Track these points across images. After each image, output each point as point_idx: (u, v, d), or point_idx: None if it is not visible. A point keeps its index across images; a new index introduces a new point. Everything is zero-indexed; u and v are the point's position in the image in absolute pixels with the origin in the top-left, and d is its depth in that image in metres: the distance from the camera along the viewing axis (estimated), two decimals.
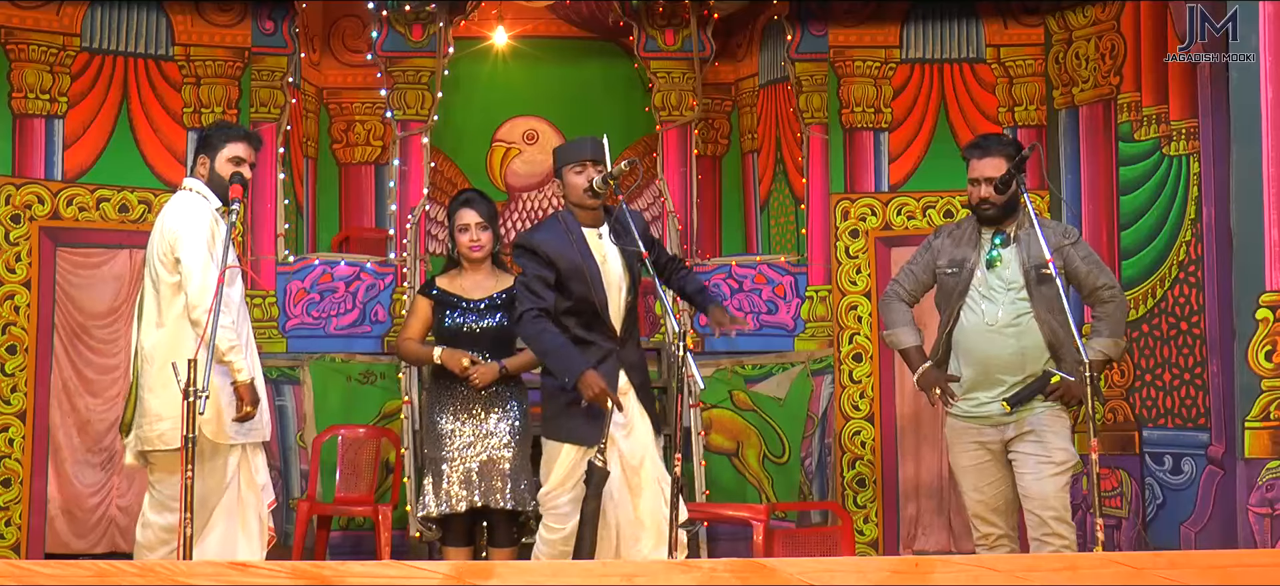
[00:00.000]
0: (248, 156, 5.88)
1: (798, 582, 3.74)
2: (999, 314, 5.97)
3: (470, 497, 6.47)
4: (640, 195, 9.67)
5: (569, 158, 5.99)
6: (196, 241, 5.68)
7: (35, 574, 3.70)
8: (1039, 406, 5.95)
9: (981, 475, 6.05)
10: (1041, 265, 5.88)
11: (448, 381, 6.57)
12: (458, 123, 9.69)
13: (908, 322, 6.32)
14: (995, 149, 6.09)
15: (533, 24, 9.74)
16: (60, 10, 8.05)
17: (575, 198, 5.94)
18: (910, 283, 6.37)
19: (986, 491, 6.04)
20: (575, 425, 5.85)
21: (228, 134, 5.92)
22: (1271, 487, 6.43)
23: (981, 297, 6.04)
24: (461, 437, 6.51)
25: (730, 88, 9.68)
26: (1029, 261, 5.97)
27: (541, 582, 3.86)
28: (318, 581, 3.69)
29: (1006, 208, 6.02)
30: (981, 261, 6.07)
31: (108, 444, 7.98)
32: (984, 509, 6.05)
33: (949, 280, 6.15)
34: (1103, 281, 6.10)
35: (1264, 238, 6.46)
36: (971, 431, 6.06)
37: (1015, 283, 5.99)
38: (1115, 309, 6.09)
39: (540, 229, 6.04)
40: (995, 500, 6.06)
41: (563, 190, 6.02)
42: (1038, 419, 5.95)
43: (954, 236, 6.24)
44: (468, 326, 6.57)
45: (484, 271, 6.66)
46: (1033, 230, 5.91)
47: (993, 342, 6.00)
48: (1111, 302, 6.08)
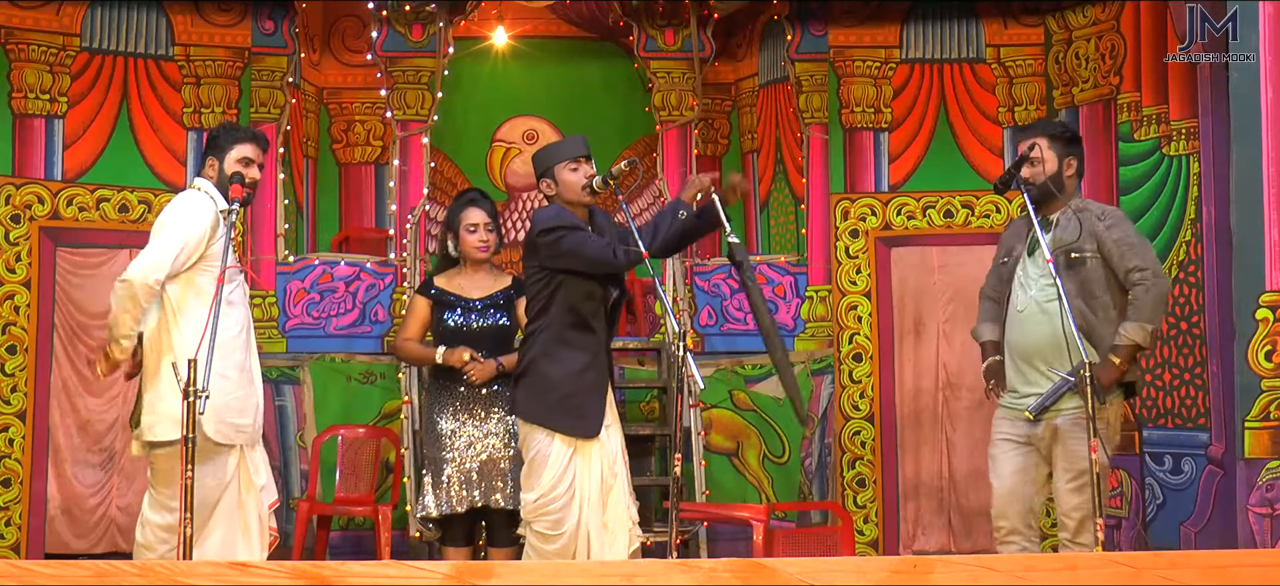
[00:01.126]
0: (256, 157, 5.83)
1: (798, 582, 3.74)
2: (1030, 299, 5.94)
3: (470, 498, 6.47)
4: (640, 195, 9.67)
5: (562, 155, 5.92)
6: (173, 230, 5.64)
7: (35, 574, 3.70)
8: (1067, 408, 5.88)
9: (1005, 463, 5.97)
10: (1071, 248, 5.86)
11: (447, 381, 6.57)
12: (458, 123, 9.70)
13: (988, 318, 6.25)
14: (1039, 130, 6.10)
15: (533, 24, 9.74)
16: (60, 10, 8.05)
17: (572, 195, 5.88)
18: (992, 278, 6.31)
19: (1007, 481, 5.96)
20: (567, 419, 5.80)
21: (235, 135, 5.88)
22: (1271, 487, 6.43)
23: (1018, 286, 6.02)
24: (461, 438, 6.51)
25: (730, 88, 9.69)
26: (1059, 245, 5.92)
27: (541, 582, 3.86)
28: (318, 581, 3.69)
29: (1044, 191, 5.96)
30: (1025, 249, 6.06)
31: (108, 444, 7.98)
32: (999, 500, 5.99)
33: (1003, 269, 6.16)
34: (1133, 264, 5.87)
35: (1264, 238, 6.45)
36: (1007, 421, 6.01)
37: (1044, 268, 5.91)
38: (1146, 292, 5.84)
39: (554, 213, 5.92)
40: (1012, 491, 5.95)
41: (555, 189, 5.93)
42: (1066, 421, 5.84)
43: (1014, 229, 6.24)
44: (467, 326, 6.57)
45: (484, 271, 6.67)
46: (1072, 215, 5.90)
47: (1023, 328, 5.95)
48: (1141, 285, 5.85)
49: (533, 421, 5.86)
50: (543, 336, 5.87)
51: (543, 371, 5.84)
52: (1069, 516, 5.83)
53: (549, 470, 5.79)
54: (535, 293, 5.89)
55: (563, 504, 5.79)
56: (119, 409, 7.99)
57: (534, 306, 5.92)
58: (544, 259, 5.83)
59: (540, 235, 5.80)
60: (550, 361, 5.83)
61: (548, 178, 5.91)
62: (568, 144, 6.01)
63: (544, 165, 5.95)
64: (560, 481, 5.79)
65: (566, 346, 5.84)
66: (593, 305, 5.85)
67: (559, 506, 5.79)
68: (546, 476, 5.80)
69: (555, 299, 5.83)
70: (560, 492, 5.79)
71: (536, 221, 5.88)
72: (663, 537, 7.48)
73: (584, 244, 5.76)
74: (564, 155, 5.91)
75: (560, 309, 5.83)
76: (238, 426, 5.65)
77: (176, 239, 5.61)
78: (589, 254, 5.75)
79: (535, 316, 5.91)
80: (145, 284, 5.58)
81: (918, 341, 8.38)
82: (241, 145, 5.81)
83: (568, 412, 5.81)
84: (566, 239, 5.76)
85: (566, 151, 5.93)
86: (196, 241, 5.63)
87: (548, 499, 5.80)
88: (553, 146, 6.07)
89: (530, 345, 5.91)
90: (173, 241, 5.60)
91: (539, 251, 5.84)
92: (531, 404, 5.87)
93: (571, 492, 5.78)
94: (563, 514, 5.79)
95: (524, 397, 5.89)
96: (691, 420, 7.99)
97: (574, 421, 5.81)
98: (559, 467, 5.79)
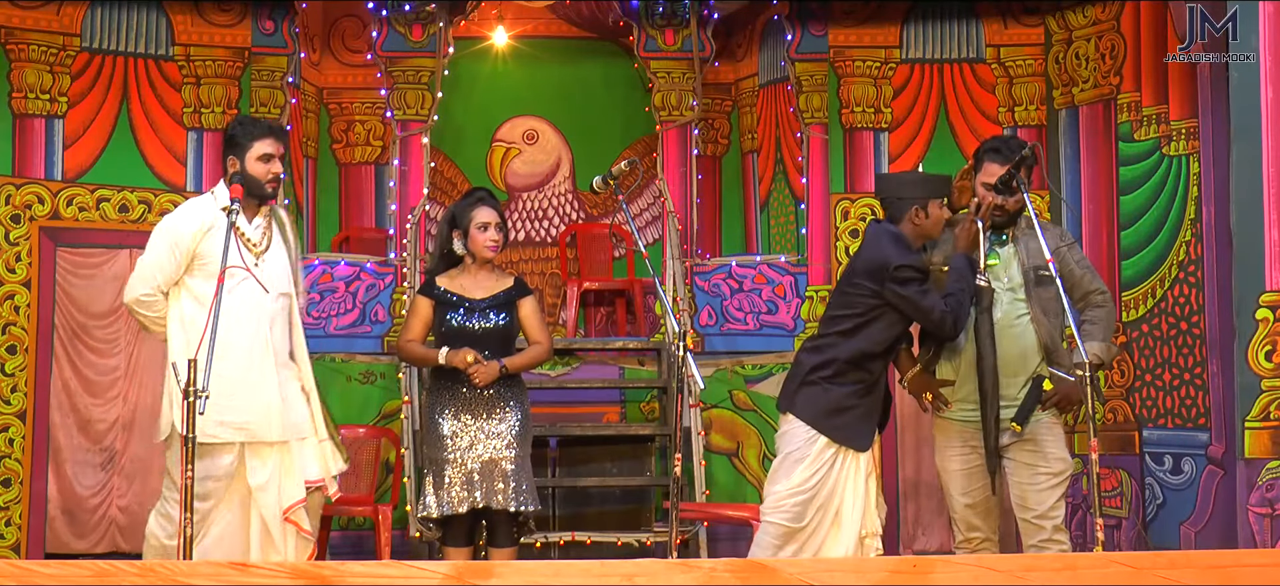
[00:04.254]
0: (276, 151, 5.73)
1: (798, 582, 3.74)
2: (998, 315, 5.93)
3: (471, 498, 6.47)
4: (640, 195, 9.68)
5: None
6: (152, 244, 5.70)
7: (35, 574, 3.70)
8: (1037, 414, 5.88)
9: (971, 479, 5.98)
10: (1041, 266, 5.83)
11: (449, 382, 6.56)
12: (458, 123, 9.70)
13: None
14: (1011, 155, 6.02)
15: (533, 24, 9.74)
16: (60, 10, 8.05)
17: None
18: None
19: (974, 495, 5.98)
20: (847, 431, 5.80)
21: (252, 130, 5.76)
22: (1271, 487, 6.43)
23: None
24: (463, 439, 6.50)
25: (730, 88, 9.69)
26: (1029, 262, 5.92)
27: (542, 582, 3.86)
28: (318, 581, 3.69)
29: (1012, 214, 5.95)
30: (980, 262, 6.01)
31: (108, 444, 7.98)
32: (971, 513, 5.99)
33: (944, 279, 6.08)
34: (1096, 286, 6.03)
35: (1264, 238, 6.45)
36: (964, 434, 6.00)
37: (1015, 283, 5.94)
38: (1107, 314, 6.02)
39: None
40: (982, 505, 5.99)
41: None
42: (1034, 427, 5.89)
43: (953, 235, 6.19)
44: (470, 326, 6.56)
45: (486, 270, 6.65)
46: (1031, 232, 5.87)
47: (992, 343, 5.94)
48: (1104, 307, 6.02)
49: (838, 439, 5.86)
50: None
51: (849, 390, 5.86)
52: (1047, 516, 5.84)
53: (802, 470, 5.84)
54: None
55: (798, 503, 5.85)
56: (119, 409, 7.99)
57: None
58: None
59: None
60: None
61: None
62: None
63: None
64: (804, 485, 5.85)
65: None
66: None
67: (791, 507, 5.85)
68: (797, 474, 5.84)
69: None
70: (800, 493, 5.85)
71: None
72: (663, 537, 7.48)
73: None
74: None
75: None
76: (237, 425, 5.64)
77: (154, 253, 5.70)
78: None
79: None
80: (135, 301, 5.74)
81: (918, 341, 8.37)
82: (260, 141, 5.72)
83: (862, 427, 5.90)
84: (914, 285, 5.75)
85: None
86: (183, 247, 5.65)
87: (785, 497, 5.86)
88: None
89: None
90: (150, 256, 5.71)
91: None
92: (832, 415, 5.84)
93: (810, 497, 5.82)
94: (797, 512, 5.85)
95: (831, 409, 5.85)
96: (691, 420, 7.99)
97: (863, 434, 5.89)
98: (809, 471, 5.84)
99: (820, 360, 5.81)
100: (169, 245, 5.66)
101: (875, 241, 5.82)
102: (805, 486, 5.75)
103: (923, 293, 5.70)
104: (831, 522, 5.80)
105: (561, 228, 9.86)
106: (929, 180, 5.93)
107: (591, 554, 7.78)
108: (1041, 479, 5.85)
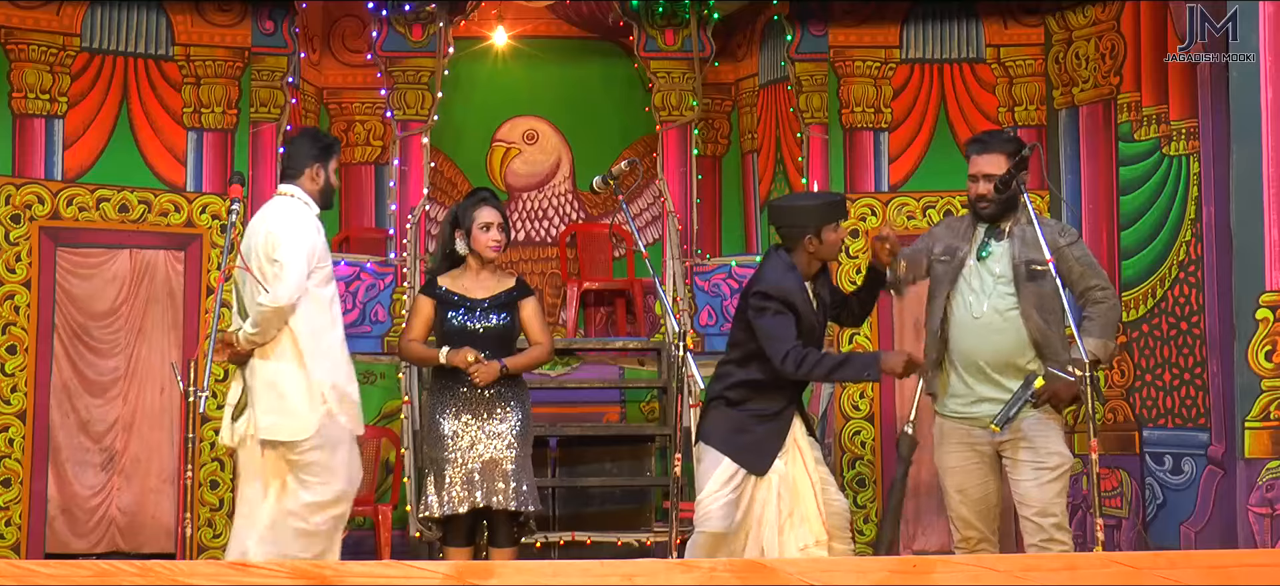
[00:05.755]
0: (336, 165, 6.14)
1: (798, 582, 3.74)
2: (984, 306, 5.90)
3: (472, 498, 6.47)
4: (640, 195, 9.68)
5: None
6: (297, 241, 5.80)
7: (35, 574, 3.70)
8: (1029, 411, 5.86)
9: (968, 477, 5.96)
10: (1033, 262, 5.80)
11: (450, 382, 6.56)
12: (458, 123, 9.70)
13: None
14: (996, 146, 6.00)
15: (533, 24, 9.75)
16: (60, 10, 8.05)
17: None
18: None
19: (972, 494, 5.96)
20: (747, 454, 5.86)
21: (334, 146, 6.09)
22: (1271, 487, 6.43)
23: (969, 290, 5.95)
24: (464, 439, 6.50)
25: (730, 88, 9.69)
26: (1020, 257, 5.89)
27: (542, 582, 3.85)
28: (318, 581, 3.69)
29: (1005, 206, 5.94)
30: (973, 253, 5.99)
31: (108, 444, 7.98)
32: (968, 511, 5.98)
33: (940, 268, 6.06)
34: (1096, 281, 5.96)
35: (1264, 238, 6.45)
36: (961, 431, 5.97)
37: (1003, 276, 5.90)
38: (1107, 309, 5.94)
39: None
40: (979, 503, 5.97)
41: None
42: (1030, 423, 5.85)
43: (952, 227, 6.18)
44: (471, 326, 6.56)
45: (488, 271, 6.65)
46: (1031, 227, 5.84)
47: (978, 336, 5.91)
48: (1104, 303, 5.95)
49: (719, 447, 5.98)
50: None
51: (739, 408, 5.95)
52: (1046, 513, 5.81)
53: (713, 481, 5.92)
54: None
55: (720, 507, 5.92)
56: (119, 409, 7.99)
57: None
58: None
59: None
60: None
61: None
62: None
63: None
64: (719, 493, 5.92)
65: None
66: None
67: (715, 512, 5.91)
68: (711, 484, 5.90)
69: None
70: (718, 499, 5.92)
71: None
72: (663, 537, 7.48)
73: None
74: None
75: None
76: (273, 425, 5.80)
77: (296, 263, 5.79)
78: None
79: None
80: (292, 304, 5.79)
81: (918, 341, 8.36)
82: (336, 157, 6.08)
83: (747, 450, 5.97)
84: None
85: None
86: (317, 254, 5.85)
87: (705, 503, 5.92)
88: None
89: None
90: (295, 266, 5.78)
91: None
92: (717, 425, 5.98)
93: (731, 501, 5.88)
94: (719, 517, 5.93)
95: (716, 420, 5.97)
96: (691, 420, 7.99)
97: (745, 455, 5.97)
98: (718, 483, 5.91)
99: (723, 384, 5.95)
100: (306, 253, 5.82)
101: (760, 267, 5.99)
102: (720, 493, 5.82)
103: (776, 324, 5.74)
104: (757, 531, 5.87)
105: (561, 228, 9.86)
106: (822, 207, 5.95)
107: (591, 554, 7.78)
108: (1041, 475, 5.83)
